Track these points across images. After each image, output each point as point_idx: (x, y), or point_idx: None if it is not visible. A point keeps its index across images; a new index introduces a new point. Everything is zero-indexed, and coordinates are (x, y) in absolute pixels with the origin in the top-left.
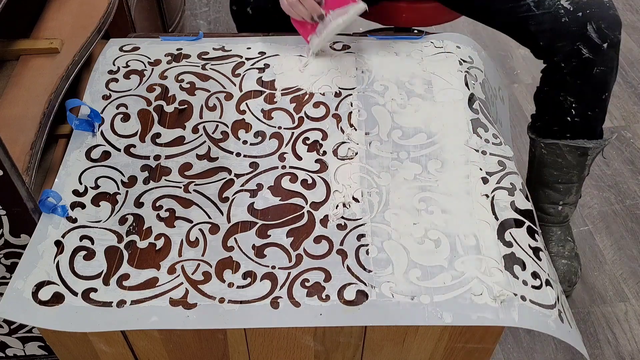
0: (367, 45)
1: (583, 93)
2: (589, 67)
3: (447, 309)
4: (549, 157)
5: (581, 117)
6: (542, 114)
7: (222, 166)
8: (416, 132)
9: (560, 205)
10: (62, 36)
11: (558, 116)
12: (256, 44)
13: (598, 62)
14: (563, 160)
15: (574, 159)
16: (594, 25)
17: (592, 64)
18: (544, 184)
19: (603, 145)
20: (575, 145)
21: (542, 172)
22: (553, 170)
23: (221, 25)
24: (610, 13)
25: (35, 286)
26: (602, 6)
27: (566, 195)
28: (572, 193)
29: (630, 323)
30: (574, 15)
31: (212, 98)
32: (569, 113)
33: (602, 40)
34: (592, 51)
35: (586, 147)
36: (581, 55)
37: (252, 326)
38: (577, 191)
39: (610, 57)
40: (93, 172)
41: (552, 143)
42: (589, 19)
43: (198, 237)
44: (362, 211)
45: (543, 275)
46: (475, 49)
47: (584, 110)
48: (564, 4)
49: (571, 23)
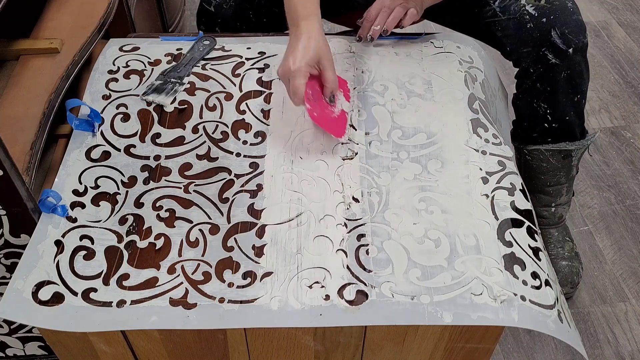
0: (367, 46)
1: (555, 99)
2: (557, 72)
3: (447, 309)
4: (534, 163)
5: (558, 122)
6: (520, 120)
7: (222, 166)
8: (416, 132)
9: (553, 207)
10: (62, 36)
11: (535, 123)
12: (256, 44)
13: (564, 66)
14: (548, 165)
15: (558, 162)
16: (558, 31)
17: (559, 69)
18: (534, 188)
19: (586, 146)
20: (557, 149)
21: (530, 178)
22: (540, 174)
23: None
24: (574, 18)
25: (35, 286)
26: (565, 11)
27: (557, 197)
28: (562, 194)
29: (630, 323)
30: (539, 21)
31: (212, 98)
32: (545, 119)
33: (567, 45)
34: (558, 56)
35: (569, 150)
36: (547, 60)
37: (252, 326)
38: (567, 191)
39: (577, 61)
40: (93, 172)
41: (534, 149)
42: (553, 25)
43: (198, 237)
44: (362, 211)
45: (543, 275)
46: (475, 49)
47: (559, 115)
48: (529, 9)
49: (535, 29)
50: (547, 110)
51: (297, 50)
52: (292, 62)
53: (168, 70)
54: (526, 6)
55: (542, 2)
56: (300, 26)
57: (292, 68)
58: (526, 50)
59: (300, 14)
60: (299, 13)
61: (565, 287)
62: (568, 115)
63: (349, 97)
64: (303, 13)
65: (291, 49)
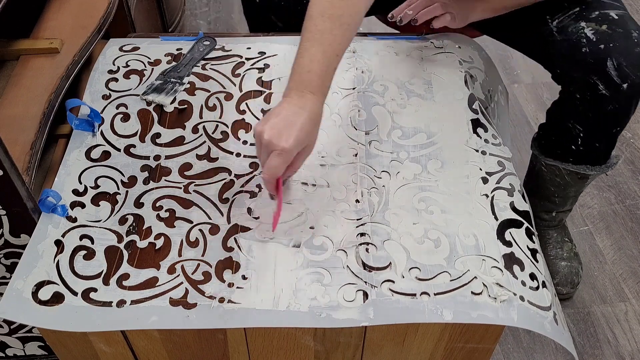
0: (367, 45)
1: (593, 125)
2: (604, 104)
3: (447, 307)
4: (548, 175)
5: (587, 147)
6: (549, 133)
7: (222, 166)
8: (416, 132)
9: (555, 212)
10: (62, 36)
11: (564, 141)
12: (256, 44)
13: (614, 100)
14: (562, 180)
15: (572, 180)
16: (615, 61)
17: (607, 101)
18: (540, 195)
19: (605, 172)
20: (576, 170)
21: (540, 186)
22: (550, 186)
23: (221, 25)
24: (636, 50)
25: (35, 286)
26: (627, 40)
27: (561, 206)
28: (567, 205)
29: (630, 323)
30: (595, 47)
31: (212, 98)
32: (575, 141)
33: (622, 79)
34: (609, 89)
35: (587, 173)
36: (597, 90)
37: (252, 326)
38: (572, 202)
39: (628, 97)
40: (93, 172)
41: (553, 165)
42: (610, 54)
43: (198, 238)
44: (362, 211)
45: (540, 277)
46: (476, 49)
47: (591, 140)
48: (587, 32)
49: (590, 54)
50: (580, 134)
51: (296, 127)
52: (286, 140)
53: (168, 70)
54: (585, 29)
55: (603, 27)
56: (306, 99)
57: (285, 146)
58: (577, 75)
59: (314, 84)
60: (312, 82)
61: (564, 287)
62: (600, 142)
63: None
64: (316, 84)
65: (289, 120)
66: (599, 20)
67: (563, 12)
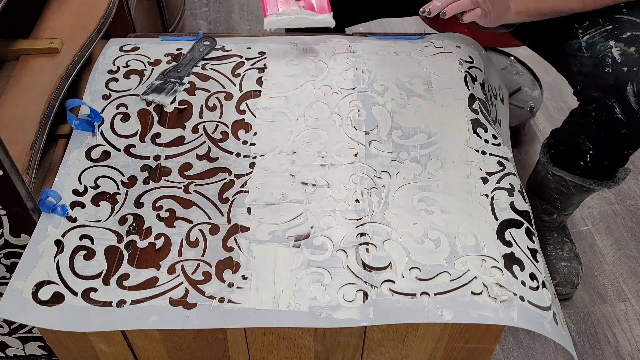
0: (367, 45)
1: (605, 145)
2: (618, 127)
3: (447, 307)
4: (554, 183)
5: (596, 163)
6: (559, 143)
7: (222, 166)
8: (416, 132)
9: (556, 215)
10: (62, 36)
11: (573, 154)
12: (256, 44)
13: (628, 125)
14: (567, 190)
15: (577, 192)
16: (635, 87)
17: (622, 125)
18: (543, 199)
19: (612, 187)
20: (582, 184)
21: (544, 191)
22: (555, 193)
23: (221, 25)
24: None
25: (35, 286)
26: None
27: (563, 211)
28: (569, 210)
29: (630, 323)
30: (618, 69)
31: (212, 98)
32: (584, 157)
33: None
34: (626, 114)
35: (593, 188)
36: (613, 112)
37: (252, 326)
38: (574, 208)
39: None
40: (93, 172)
41: (559, 174)
42: (632, 78)
43: (198, 238)
44: (362, 211)
45: (540, 277)
46: (476, 48)
47: (600, 158)
48: (614, 52)
49: (612, 75)
50: (590, 151)
51: None
52: None
53: (168, 70)
54: (613, 48)
55: (631, 49)
56: None
57: None
58: (596, 94)
59: None
60: None
61: (564, 287)
62: (609, 160)
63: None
64: None
65: None
66: (629, 41)
67: (596, 28)
